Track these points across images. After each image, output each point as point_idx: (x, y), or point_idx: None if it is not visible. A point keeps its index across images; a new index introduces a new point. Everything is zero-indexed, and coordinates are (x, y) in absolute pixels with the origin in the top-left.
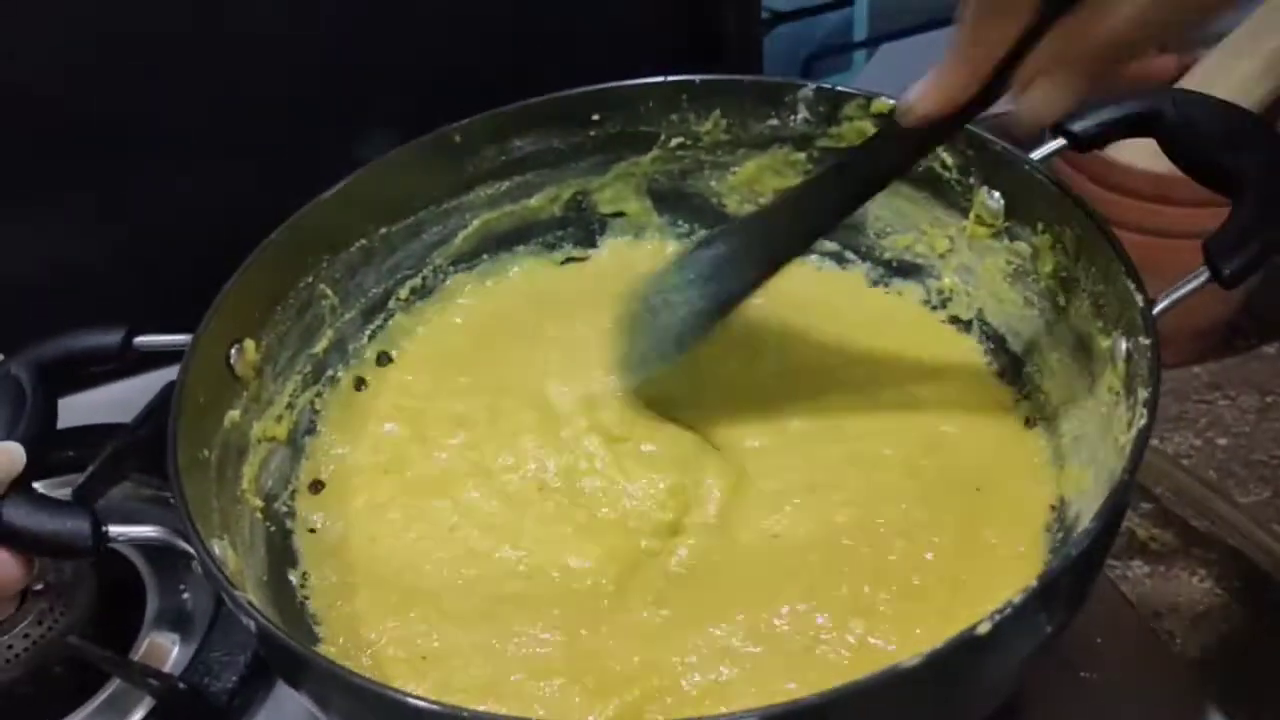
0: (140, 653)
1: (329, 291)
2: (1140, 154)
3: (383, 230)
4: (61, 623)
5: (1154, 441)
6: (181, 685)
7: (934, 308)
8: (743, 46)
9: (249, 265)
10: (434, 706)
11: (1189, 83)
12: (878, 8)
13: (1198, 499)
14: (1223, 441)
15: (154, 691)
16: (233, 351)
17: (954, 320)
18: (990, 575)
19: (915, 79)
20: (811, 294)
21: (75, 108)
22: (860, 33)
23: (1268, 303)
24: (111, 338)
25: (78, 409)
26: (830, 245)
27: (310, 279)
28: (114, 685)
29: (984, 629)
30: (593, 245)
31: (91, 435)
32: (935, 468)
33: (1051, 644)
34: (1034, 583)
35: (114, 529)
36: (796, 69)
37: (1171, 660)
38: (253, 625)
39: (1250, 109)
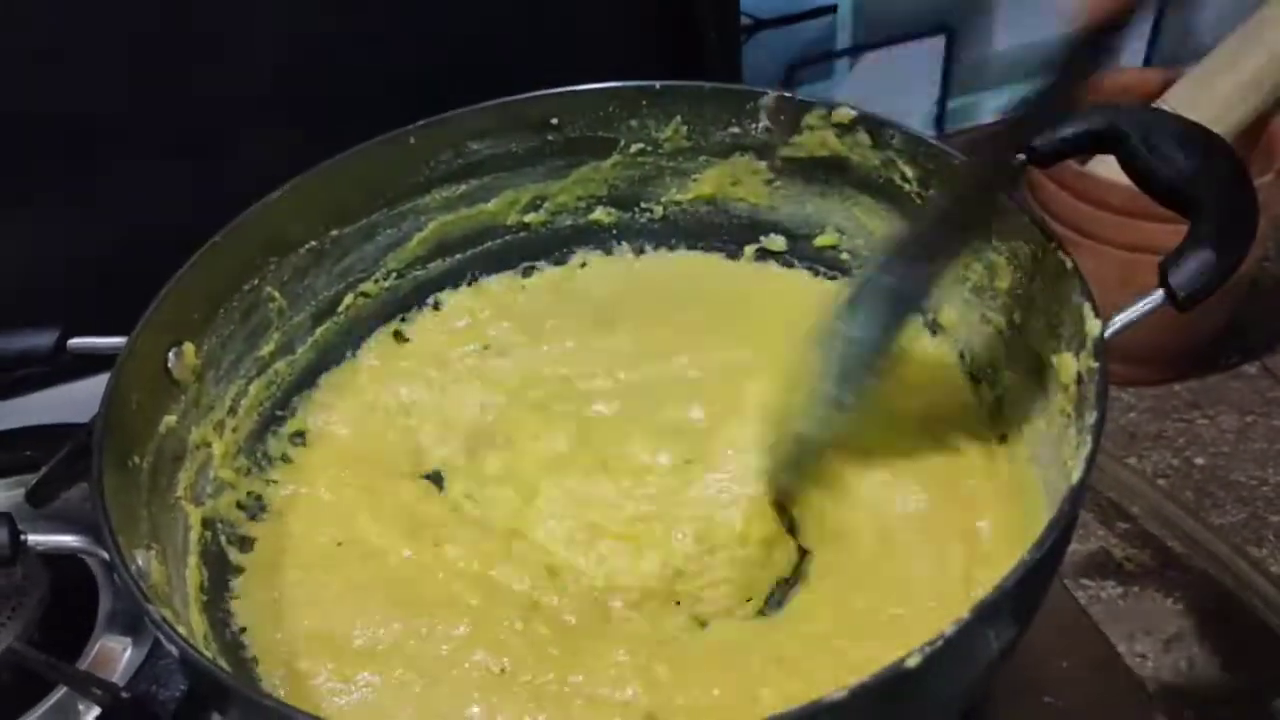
0: (90, 658)
1: (276, 294)
2: (1120, 169)
3: (334, 232)
4: (9, 628)
5: (1131, 460)
6: (125, 694)
7: None
8: (722, 54)
9: (188, 267)
10: None
11: (1169, 100)
12: (861, 16)
13: (1172, 520)
14: (1201, 461)
15: (99, 700)
16: (171, 355)
17: None
18: None
19: (898, 89)
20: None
21: (15, 107)
22: (843, 41)
23: (1251, 321)
24: (44, 339)
25: (35, 408)
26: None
27: (256, 281)
28: (61, 691)
29: (913, 662)
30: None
31: (49, 435)
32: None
33: (999, 664)
34: (967, 615)
35: (33, 538)
36: (778, 77)
37: (1137, 687)
38: (171, 646)
39: (1230, 128)
